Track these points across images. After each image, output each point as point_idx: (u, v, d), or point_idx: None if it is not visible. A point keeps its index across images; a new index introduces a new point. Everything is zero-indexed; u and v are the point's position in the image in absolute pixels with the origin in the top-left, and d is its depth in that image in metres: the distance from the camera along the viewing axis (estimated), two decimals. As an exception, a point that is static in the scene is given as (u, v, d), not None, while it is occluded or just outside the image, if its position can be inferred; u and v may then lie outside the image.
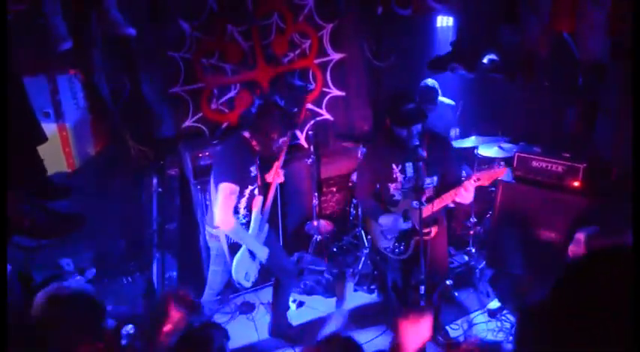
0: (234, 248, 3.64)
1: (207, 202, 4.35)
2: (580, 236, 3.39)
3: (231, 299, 4.72)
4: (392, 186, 3.63)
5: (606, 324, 1.04)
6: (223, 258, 3.69)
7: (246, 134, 3.59)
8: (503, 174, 3.52)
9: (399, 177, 3.59)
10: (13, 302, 2.95)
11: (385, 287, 4.08)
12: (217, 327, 3.23)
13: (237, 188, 3.46)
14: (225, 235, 3.60)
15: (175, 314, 2.64)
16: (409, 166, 3.53)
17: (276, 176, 3.87)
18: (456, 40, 4.73)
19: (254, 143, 3.58)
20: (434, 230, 3.64)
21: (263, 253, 3.75)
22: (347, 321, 4.52)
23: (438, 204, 3.52)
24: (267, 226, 3.90)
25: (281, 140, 3.59)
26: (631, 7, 3.34)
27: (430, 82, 5.24)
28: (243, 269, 3.67)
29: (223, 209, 3.42)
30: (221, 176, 3.48)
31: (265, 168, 3.86)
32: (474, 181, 3.42)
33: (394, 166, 3.57)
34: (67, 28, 3.55)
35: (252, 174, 3.63)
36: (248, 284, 3.76)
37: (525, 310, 1.27)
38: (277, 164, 3.86)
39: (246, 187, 3.60)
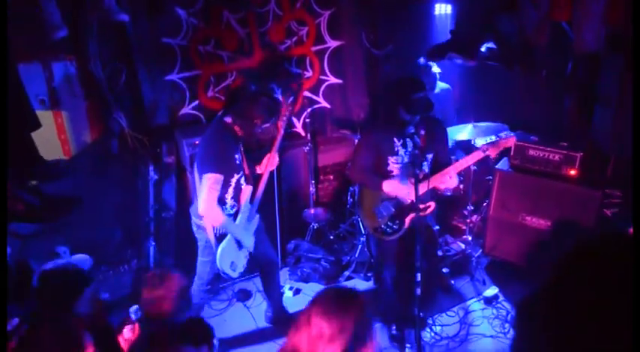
0: (221, 238, 3.60)
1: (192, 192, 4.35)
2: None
3: (224, 288, 4.74)
4: (391, 160, 3.62)
5: (605, 314, 1.04)
6: (211, 248, 3.65)
7: (228, 119, 3.52)
8: (512, 142, 3.62)
9: (400, 150, 3.60)
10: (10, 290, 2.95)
11: (380, 278, 4.05)
12: (203, 325, 3.28)
13: (221, 177, 3.41)
14: (213, 227, 3.56)
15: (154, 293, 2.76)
16: (409, 141, 3.57)
17: (269, 164, 3.81)
18: (455, 29, 4.71)
19: (236, 128, 3.52)
20: (432, 205, 3.68)
21: (249, 242, 3.73)
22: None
23: (424, 186, 3.53)
24: (257, 216, 3.87)
25: (264, 126, 3.52)
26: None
27: (433, 66, 5.24)
28: (228, 258, 3.63)
29: (207, 199, 3.37)
30: (204, 166, 3.42)
31: (254, 158, 3.83)
32: (483, 152, 3.54)
33: (396, 140, 3.59)
34: (62, 15, 3.52)
35: (237, 162, 3.58)
36: (235, 274, 3.73)
37: (522, 304, 1.27)
38: (270, 154, 3.82)
39: (232, 176, 3.54)
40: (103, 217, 4.43)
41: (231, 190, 3.58)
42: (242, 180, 3.67)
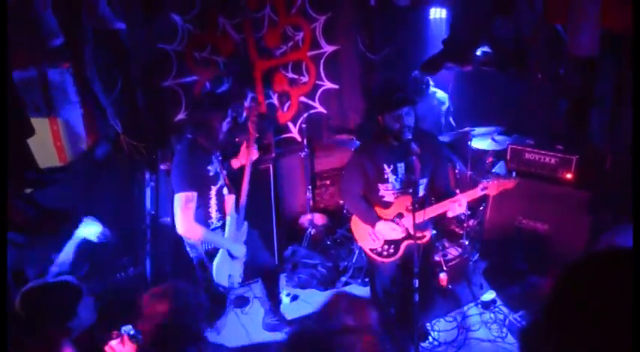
0: (213, 254, 3.54)
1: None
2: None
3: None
4: (382, 188, 3.48)
5: (606, 330, 1.05)
6: (204, 267, 3.58)
7: (189, 135, 3.45)
8: (512, 185, 3.37)
9: (390, 177, 3.44)
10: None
11: (374, 289, 3.96)
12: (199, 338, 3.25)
13: (192, 195, 3.33)
14: (202, 243, 3.52)
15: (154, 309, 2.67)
16: (401, 167, 3.40)
17: (250, 154, 3.69)
18: (448, 38, 4.72)
19: (200, 140, 3.43)
20: (428, 234, 3.60)
21: (240, 252, 3.68)
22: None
23: (429, 213, 3.40)
24: (245, 224, 3.82)
25: (226, 124, 3.42)
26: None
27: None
28: (224, 272, 3.59)
29: (184, 219, 3.32)
30: (175, 186, 3.36)
31: (224, 159, 3.76)
32: (481, 190, 3.34)
33: (385, 166, 3.41)
34: (58, 23, 3.51)
35: (211, 174, 3.49)
36: (235, 285, 3.70)
37: (525, 334, 1.29)
38: (247, 145, 3.72)
39: (209, 189, 3.48)
40: (99, 224, 4.40)
41: (213, 203, 3.53)
42: (224, 191, 3.61)
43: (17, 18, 3.45)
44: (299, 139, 5.31)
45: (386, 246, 3.59)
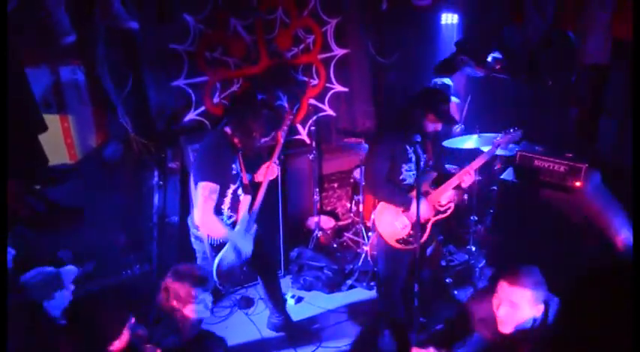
0: (218, 249, 3.55)
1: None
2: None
3: (227, 296, 4.73)
4: (405, 168, 3.62)
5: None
6: (207, 260, 3.59)
7: (228, 130, 3.49)
8: (519, 137, 3.77)
9: (413, 157, 3.56)
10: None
11: (388, 293, 3.98)
12: (214, 337, 3.29)
13: (217, 187, 3.35)
14: (208, 236, 3.53)
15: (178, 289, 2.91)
16: (419, 148, 3.57)
17: (268, 174, 3.77)
18: (461, 40, 4.72)
19: (235, 140, 3.49)
20: (451, 206, 3.71)
21: (247, 248, 3.69)
22: (343, 318, 4.52)
23: (446, 187, 3.65)
24: (255, 227, 3.83)
25: (263, 140, 3.52)
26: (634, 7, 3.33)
27: (446, 80, 5.26)
28: (226, 268, 3.59)
29: (203, 209, 3.33)
30: (200, 175, 3.37)
31: (251, 166, 3.79)
32: (495, 147, 3.69)
33: (407, 147, 3.57)
34: (70, 20, 3.54)
35: (234, 172, 3.53)
36: (231, 286, 3.74)
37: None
38: (269, 162, 3.78)
39: (228, 187, 3.50)
40: (107, 221, 4.43)
41: (227, 201, 3.54)
42: (239, 191, 3.63)
43: (30, 15, 3.49)
44: (307, 141, 5.32)
45: (412, 232, 3.64)
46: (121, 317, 2.68)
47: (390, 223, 3.73)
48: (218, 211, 3.50)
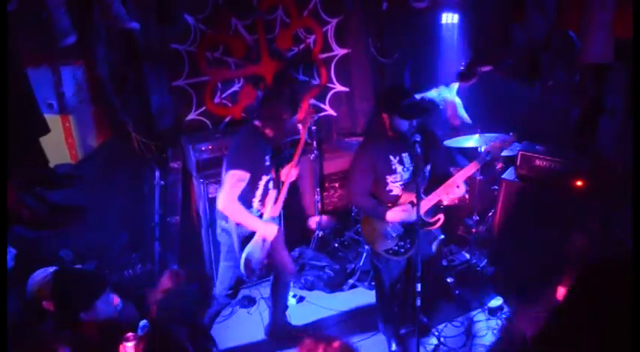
0: (245, 242, 3.57)
1: (210, 196, 4.34)
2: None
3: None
4: (389, 179, 3.52)
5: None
6: (234, 252, 3.62)
7: (258, 123, 3.53)
8: (512, 141, 3.64)
9: (398, 168, 3.49)
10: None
11: (383, 294, 3.94)
12: (206, 335, 3.28)
13: (247, 175, 3.41)
14: (236, 228, 3.55)
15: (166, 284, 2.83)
16: (406, 157, 3.48)
17: (288, 176, 3.79)
18: (480, 44, 4.73)
19: (267, 131, 3.53)
20: (441, 218, 3.60)
21: (274, 229, 3.63)
22: (344, 318, 4.52)
23: (432, 199, 3.48)
24: (277, 223, 3.78)
25: (292, 120, 3.53)
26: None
27: (429, 95, 5.27)
28: (251, 262, 3.60)
29: (229, 193, 3.39)
30: (231, 163, 3.45)
31: (274, 162, 3.80)
32: (485, 155, 3.50)
33: (392, 158, 3.48)
34: (70, 21, 3.54)
35: (267, 163, 3.59)
36: (254, 277, 3.73)
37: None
38: (291, 164, 3.79)
39: (260, 177, 3.55)
40: (109, 221, 4.43)
41: (259, 193, 3.58)
42: (270, 184, 3.67)
43: (31, 16, 3.49)
44: (308, 141, 5.31)
45: (401, 243, 3.60)
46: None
47: (376, 235, 3.65)
48: (249, 203, 3.54)
